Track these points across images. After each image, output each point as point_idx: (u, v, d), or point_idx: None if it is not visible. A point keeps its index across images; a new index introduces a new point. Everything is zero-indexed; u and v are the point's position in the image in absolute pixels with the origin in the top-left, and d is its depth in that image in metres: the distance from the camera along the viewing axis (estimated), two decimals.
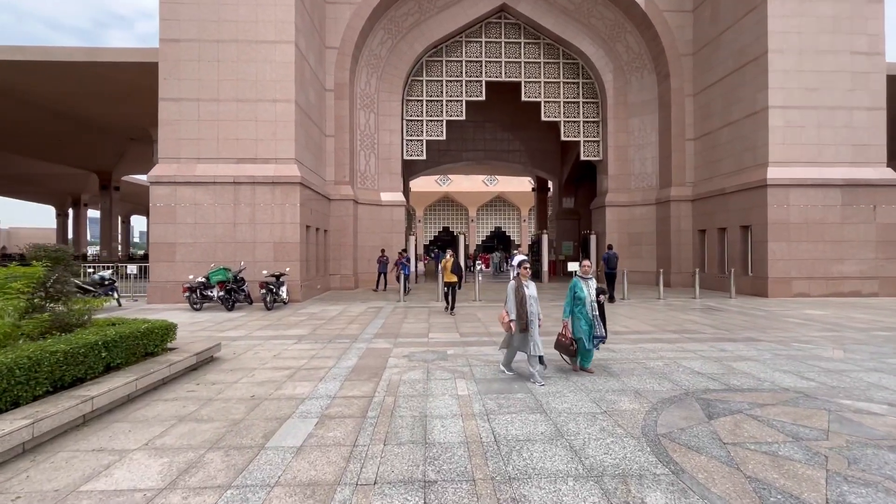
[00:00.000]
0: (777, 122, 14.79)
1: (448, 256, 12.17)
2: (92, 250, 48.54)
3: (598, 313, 5.97)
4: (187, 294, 11.97)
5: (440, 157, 27.87)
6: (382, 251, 18.03)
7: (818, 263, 14.77)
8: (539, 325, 5.70)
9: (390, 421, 4.37)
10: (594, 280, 6.17)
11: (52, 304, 5.47)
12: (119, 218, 43.50)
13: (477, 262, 25.53)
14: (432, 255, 42.38)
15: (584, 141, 21.29)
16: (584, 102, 21.23)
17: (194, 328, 9.53)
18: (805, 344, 7.80)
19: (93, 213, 51.66)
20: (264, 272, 13.04)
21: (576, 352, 5.97)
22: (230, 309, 12.14)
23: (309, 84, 15.78)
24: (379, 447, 3.79)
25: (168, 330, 6.25)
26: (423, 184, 52.58)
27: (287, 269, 13.39)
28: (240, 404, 4.89)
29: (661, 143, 19.82)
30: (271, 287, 12.32)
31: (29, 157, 31.01)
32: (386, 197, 19.92)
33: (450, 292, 11.66)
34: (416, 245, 22.23)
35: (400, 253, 16.92)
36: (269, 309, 12.16)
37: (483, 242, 57.81)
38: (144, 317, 6.85)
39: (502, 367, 6.05)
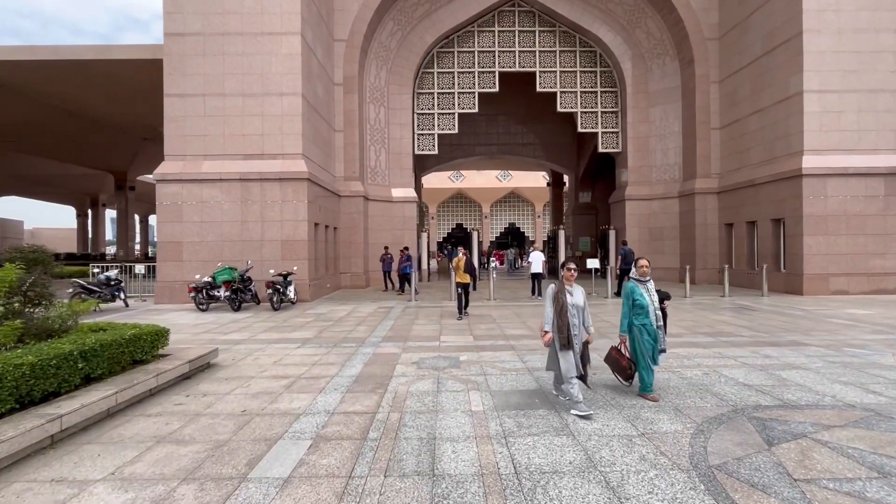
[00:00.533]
0: (813, 107, 13.76)
1: (460, 254, 11.03)
2: (111, 250, 49.27)
3: (662, 323, 4.91)
4: (193, 294, 11.61)
5: (452, 152, 27.21)
6: (386, 249, 17.01)
7: (858, 258, 13.74)
8: (588, 341, 4.63)
9: (394, 445, 3.80)
10: (652, 282, 5.04)
11: (31, 310, 5.04)
12: (137, 217, 43.97)
13: (491, 259, 24.87)
14: (445, 252, 41.82)
15: (603, 132, 20.41)
16: (601, 92, 20.33)
17: (197, 330, 9.12)
18: (859, 349, 6.99)
19: (113, 213, 52.45)
20: (271, 271, 12.63)
21: (634, 374, 4.96)
22: (237, 309, 11.75)
23: (316, 78, 15.30)
24: (378, 480, 3.22)
25: (159, 336, 5.79)
26: (436, 180, 51.97)
27: (295, 268, 12.96)
28: (228, 421, 4.37)
29: (684, 132, 18.84)
30: (278, 287, 11.89)
31: (47, 157, 31.40)
32: (397, 193, 19.38)
33: (463, 294, 10.66)
34: (427, 242, 21.64)
35: (402, 251, 15.70)
36: (275, 309, 11.74)
37: (497, 239, 56.98)
38: (137, 321, 6.42)
39: (555, 393, 4.94)
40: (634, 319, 4.86)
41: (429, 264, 21.64)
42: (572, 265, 4.79)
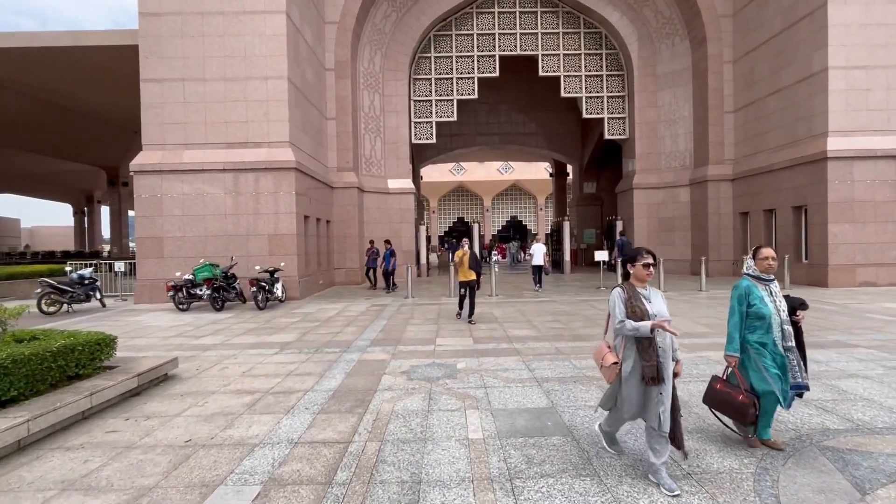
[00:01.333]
0: (838, 84, 12.71)
1: (464, 248, 9.09)
2: (109, 247, 48.55)
3: (793, 343, 3.36)
4: (171, 294, 10.74)
5: (452, 142, 26.21)
6: (371, 243, 15.34)
7: (888, 248, 12.74)
8: (677, 373, 2.99)
9: (366, 492, 2.90)
10: (777, 283, 3.48)
11: None
12: (131, 214, 43.10)
13: (493, 252, 23.94)
14: (447, 245, 40.84)
15: (609, 118, 19.36)
16: (607, 76, 19.25)
17: (169, 334, 8.25)
18: None
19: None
20: (256, 268, 11.74)
21: (757, 417, 3.29)
22: (219, 309, 10.88)
23: (305, 61, 14.31)
24: None
25: (102, 345, 4.90)
26: (437, 174, 50.97)
27: (282, 264, 12.06)
28: (164, 456, 3.48)
29: (695, 116, 17.78)
30: (263, 284, 11.01)
31: (40, 154, 30.55)
32: (393, 184, 18.44)
33: (466, 294, 8.92)
34: (427, 236, 20.73)
35: (385, 243, 14.55)
36: (261, 308, 10.86)
37: (499, 232, 56.03)
38: (108, 323, 5.54)
39: (604, 444, 3.41)
40: (749, 335, 3.37)
41: (427, 259, 20.68)
42: (650, 259, 3.07)
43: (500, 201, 57.15)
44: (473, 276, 8.79)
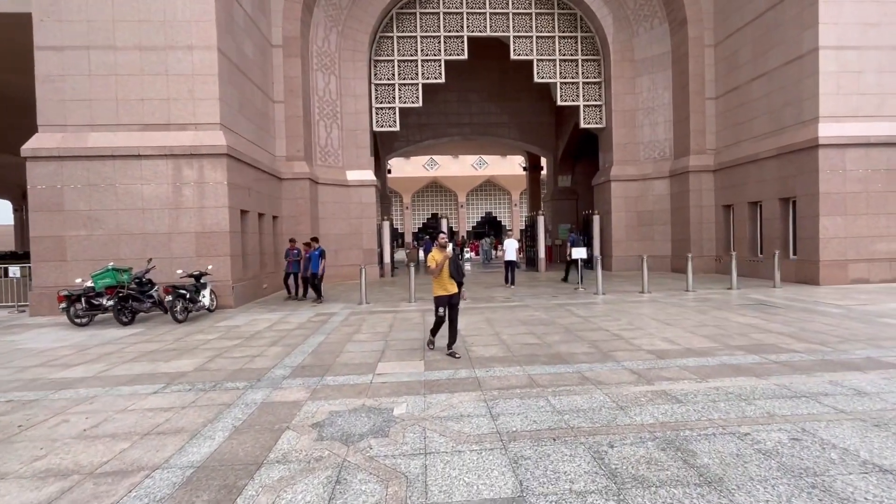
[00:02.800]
0: (829, 66, 11.68)
1: (445, 249, 6.00)
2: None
3: None
4: (64, 305, 8.70)
5: (421, 133, 24.51)
6: (292, 242, 12.42)
7: (880, 242, 11.84)
8: None
9: None
10: None
11: None
12: None
13: (465, 249, 22.46)
14: (421, 243, 38.90)
15: (584, 105, 18.09)
16: (583, 60, 17.94)
17: (35, 361, 6.32)
18: None
19: None
20: (178, 271, 9.80)
21: None
22: (127, 322, 8.93)
23: (243, 32, 12.35)
24: None
25: None
26: (411, 168, 49.16)
27: (210, 267, 10.16)
28: None
29: (675, 104, 16.67)
30: (183, 292, 9.12)
31: None
32: (353, 176, 16.66)
33: (446, 313, 5.96)
34: (398, 233, 19.06)
35: (310, 241, 11.69)
36: (179, 321, 8.97)
37: (474, 229, 54.72)
38: None
39: None
40: None
41: (392, 258, 18.98)
42: None
43: (474, 197, 55.81)
44: (455, 289, 6.05)
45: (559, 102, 18.14)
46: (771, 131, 13.33)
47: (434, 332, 6.31)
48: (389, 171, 31.15)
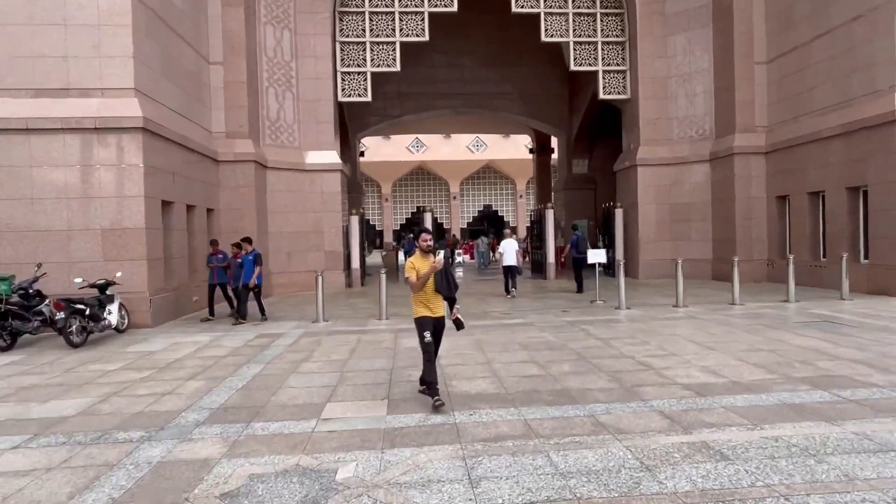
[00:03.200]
0: None
1: (435, 257, 5.17)
2: None
3: None
4: None
5: (401, 106, 24.26)
6: (214, 245, 11.78)
7: None
8: None
9: None
10: None
11: None
12: None
13: (457, 251, 22.21)
14: (403, 242, 38.33)
15: (604, 71, 18.02)
16: (602, 15, 17.79)
17: None
18: None
19: None
20: (76, 280, 9.30)
21: None
22: (4, 348, 8.44)
23: None
24: None
25: None
26: (391, 150, 48.70)
27: (118, 275, 9.65)
28: None
29: (716, 70, 16.61)
30: (81, 308, 8.67)
31: None
32: (313, 158, 16.34)
33: (433, 346, 5.23)
34: (375, 230, 18.79)
35: (242, 243, 11.05)
36: (75, 346, 8.49)
37: (469, 226, 54.46)
38: None
39: None
40: None
41: (363, 262, 18.59)
42: None
43: (470, 186, 55.68)
44: (442, 312, 5.35)
45: (572, 67, 18.04)
46: (837, 103, 13.20)
47: (430, 370, 5.14)
48: (362, 154, 30.80)
